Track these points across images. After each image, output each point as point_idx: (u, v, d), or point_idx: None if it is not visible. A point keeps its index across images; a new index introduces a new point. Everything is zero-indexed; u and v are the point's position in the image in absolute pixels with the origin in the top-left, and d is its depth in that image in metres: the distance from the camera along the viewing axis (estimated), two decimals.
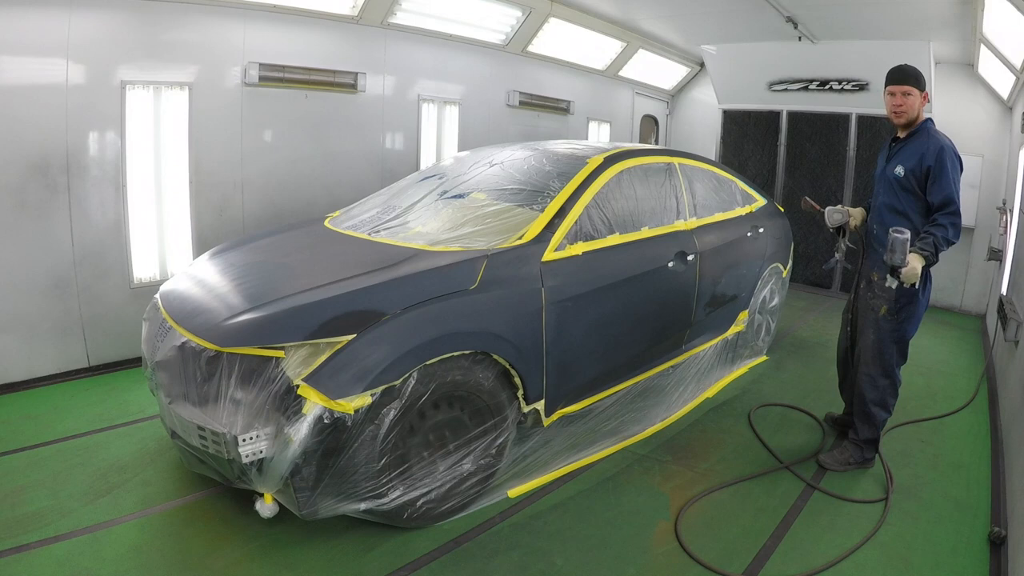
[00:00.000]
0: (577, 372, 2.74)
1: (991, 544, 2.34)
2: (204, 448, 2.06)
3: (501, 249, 2.49)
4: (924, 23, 4.82)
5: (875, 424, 2.82)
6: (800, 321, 5.39)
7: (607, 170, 3.00)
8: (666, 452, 2.96)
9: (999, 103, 5.69)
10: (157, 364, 2.28)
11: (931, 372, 4.21)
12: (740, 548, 2.27)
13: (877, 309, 2.74)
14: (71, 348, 3.45)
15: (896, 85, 2.62)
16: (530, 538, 2.27)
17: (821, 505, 2.58)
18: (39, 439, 2.79)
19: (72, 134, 3.26)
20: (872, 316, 2.77)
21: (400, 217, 2.99)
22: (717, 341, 3.73)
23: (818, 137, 6.60)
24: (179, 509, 2.36)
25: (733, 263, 3.70)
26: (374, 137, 4.74)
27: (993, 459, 3.05)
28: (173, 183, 3.72)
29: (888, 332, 2.73)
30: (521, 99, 5.81)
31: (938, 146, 2.55)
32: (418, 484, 2.22)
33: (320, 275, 2.35)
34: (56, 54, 3.16)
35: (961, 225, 2.52)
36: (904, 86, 2.60)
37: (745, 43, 6.23)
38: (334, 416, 1.96)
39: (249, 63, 3.88)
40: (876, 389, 2.80)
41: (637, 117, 7.64)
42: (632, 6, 5.56)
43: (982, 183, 5.70)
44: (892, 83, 2.64)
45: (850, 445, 2.88)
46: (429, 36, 4.91)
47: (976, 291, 5.92)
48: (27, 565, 2.00)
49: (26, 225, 3.20)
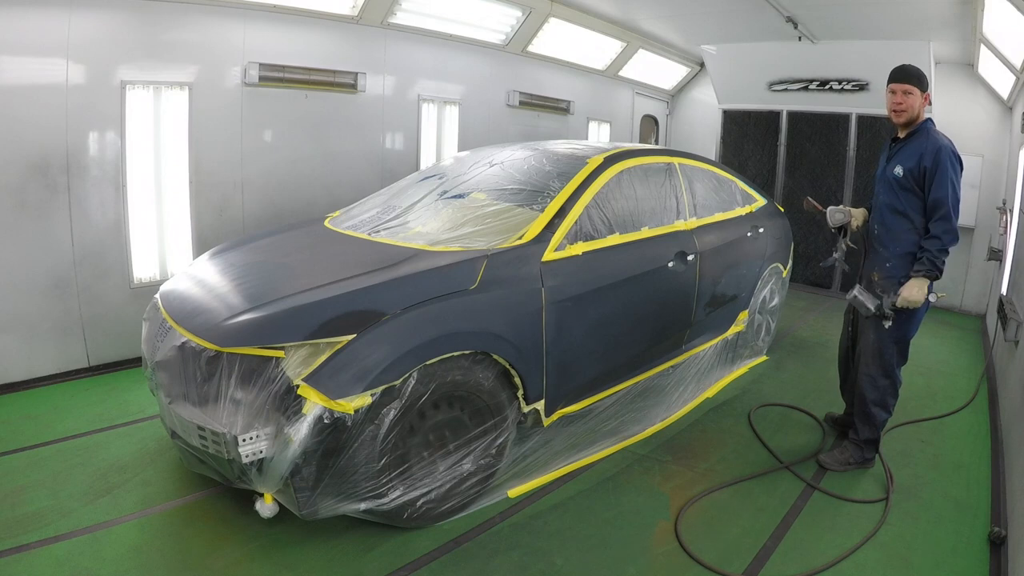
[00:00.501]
0: (577, 372, 2.74)
1: (991, 544, 2.34)
2: (204, 448, 2.06)
3: (501, 249, 2.49)
4: (924, 23, 4.82)
5: (875, 424, 2.82)
6: (800, 321, 5.39)
7: (607, 170, 3.00)
8: (666, 452, 2.96)
9: (999, 103, 5.69)
10: (157, 364, 2.28)
11: (931, 372, 4.21)
12: (740, 548, 2.27)
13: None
14: (71, 348, 3.45)
15: (897, 83, 2.62)
16: (530, 538, 2.27)
17: (821, 505, 2.58)
18: (39, 439, 2.79)
19: (72, 134, 3.26)
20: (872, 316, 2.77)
21: (400, 217, 2.99)
22: (717, 341, 3.73)
23: (818, 137, 6.60)
24: (179, 509, 2.36)
25: (733, 263, 3.70)
26: (374, 137, 4.74)
27: (993, 459, 3.05)
28: (173, 183, 3.72)
29: (888, 332, 2.72)
30: (521, 99, 5.81)
31: (936, 146, 2.55)
32: (418, 484, 2.22)
33: (320, 275, 2.35)
34: (56, 54, 3.16)
35: (956, 227, 2.53)
36: (905, 84, 2.60)
37: (745, 43, 6.23)
38: (334, 416, 1.96)
39: (249, 63, 3.88)
40: (876, 389, 2.80)
41: (637, 117, 7.64)
42: (632, 6, 5.56)
43: (982, 183, 5.70)
44: (894, 81, 2.64)
45: (850, 445, 2.88)
46: (429, 36, 4.91)
47: (976, 291, 5.92)
48: (27, 565, 2.00)
49: (26, 225, 3.20)
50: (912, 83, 2.60)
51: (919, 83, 2.60)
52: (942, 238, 2.52)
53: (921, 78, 2.61)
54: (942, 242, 2.52)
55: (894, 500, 2.61)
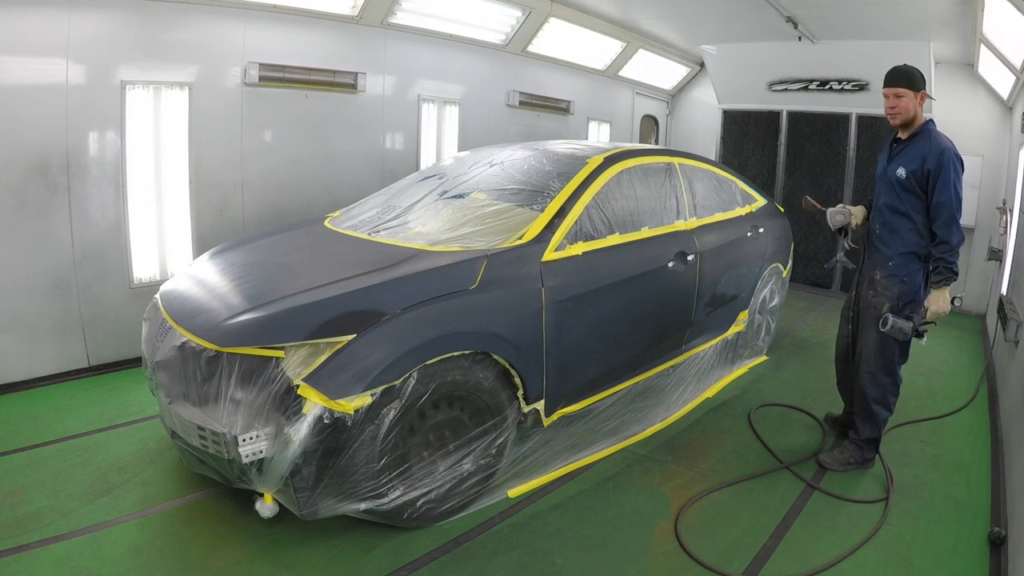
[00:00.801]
0: (577, 372, 2.74)
1: (991, 544, 2.34)
2: (204, 448, 2.06)
3: (501, 249, 2.49)
4: (924, 23, 4.82)
5: (877, 423, 2.82)
6: (800, 321, 5.39)
7: (607, 170, 3.00)
8: (666, 452, 2.96)
9: (999, 103, 5.69)
10: (157, 364, 2.28)
11: (931, 372, 4.21)
12: (740, 548, 2.27)
13: (880, 307, 2.74)
14: (71, 348, 3.45)
15: (888, 87, 2.63)
16: (530, 538, 2.27)
17: (821, 505, 2.58)
18: (39, 439, 2.79)
19: (72, 134, 3.26)
20: (874, 314, 2.76)
21: (400, 217, 2.99)
22: (717, 341, 3.73)
23: (818, 137, 6.60)
24: (179, 509, 2.36)
25: (733, 263, 3.70)
26: (374, 137, 4.74)
27: (993, 459, 3.05)
28: (173, 183, 3.72)
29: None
30: (521, 99, 5.81)
31: (940, 149, 2.56)
32: (418, 484, 2.22)
33: (320, 275, 2.35)
34: (56, 54, 3.15)
35: (960, 227, 2.56)
36: (895, 88, 2.60)
37: (745, 43, 6.23)
38: (334, 416, 1.96)
39: (249, 63, 3.88)
40: (878, 387, 2.80)
41: (637, 117, 7.64)
42: (632, 6, 5.56)
43: (982, 183, 5.70)
44: (885, 85, 2.65)
45: (850, 445, 2.88)
46: (429, 36, 4.91)
47: (976, 291, 5.92)
48: (27, 565, 2.00)
49: (26, 225, 3.20)
50: (902, 85, 2.59)
51: (910, 84, 2.59)
52: (950, 241, 2.54)
53: (912, 78, 2.59)
54: (951, 245, 2.54)
55: (894, 500, 2.61)
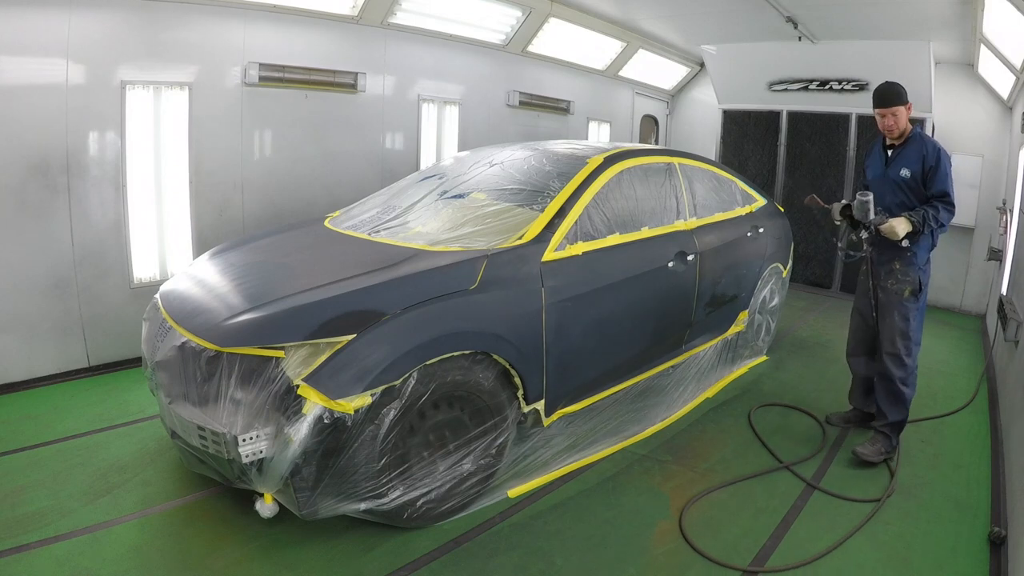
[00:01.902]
0: (577, 372, 2.74)
1: (991, 544, 2.34)
2: (204, 448, 2.06)
3: (501, 249, 2.49)
4: (924, 23, 4.82)
5: (904, 403, 2.95)
6: (800, 321, 5.38)
7: (607, 170, 3.00)
8: (666, 452, 2.96)
9: (999, 103, 5.68)
10: (157, 364, 2.28)
11: (931, 372, 4.20)
12: (740, 548, 2.27)
13: (901, 292, 2.94)
14: (71, 348, 3.45)
15: (882, 108, 2.88)
16: (530, 538, 2.27)
17: (821, 505, 2.59)
18: (39, 439, 2.79)
19: (72, 134, 3.26)
20: (896, 299, 2.95)
21: (400, 217, 2.99)
22: (717, 341, 3.73)
23: (818, 137, 6.60)
24: (179, 509, 2.36)
25: (733, 263, 3.70)
26: (374, 137, 4.74)
27: (993, 459, 3.05)
28: (173, 183, 3.72)
29: (912, 309, 2.95)
30: (521, 99, 5.81)
31: (936, 148, 2.88)
32: (418, 484, 2.22)
33: (320, 275, 2.35)
34: (56, 54, 3.15)
35: (953, 214, 2.86)
36: (889, 108, 2.86)
37: (745, 43, 6.23)
38: (334, 416, 1.96)
39: (249, 63, 3.88)
40: (903, 367, 2.95)
41: (637, 117, 7.64)
42: (632, 6, 5.56)
43: (982, 183, 5.69)
44: (877, 107, 2.90)
45: (879, 436, 2.98)
46: (429, 36, 4.91)
47: (976, 291, 5.92)
48: (27, 565, 2.00)
49: (26, 225, 3.20)
50: (895, 104, 2.86)
51: (900, 99, 2.86)
52: (941, 211, 2.83)
53: (901, 95, 2.87)
54: (938, 212, 2.82)
55: (894, 500, 2.61)
